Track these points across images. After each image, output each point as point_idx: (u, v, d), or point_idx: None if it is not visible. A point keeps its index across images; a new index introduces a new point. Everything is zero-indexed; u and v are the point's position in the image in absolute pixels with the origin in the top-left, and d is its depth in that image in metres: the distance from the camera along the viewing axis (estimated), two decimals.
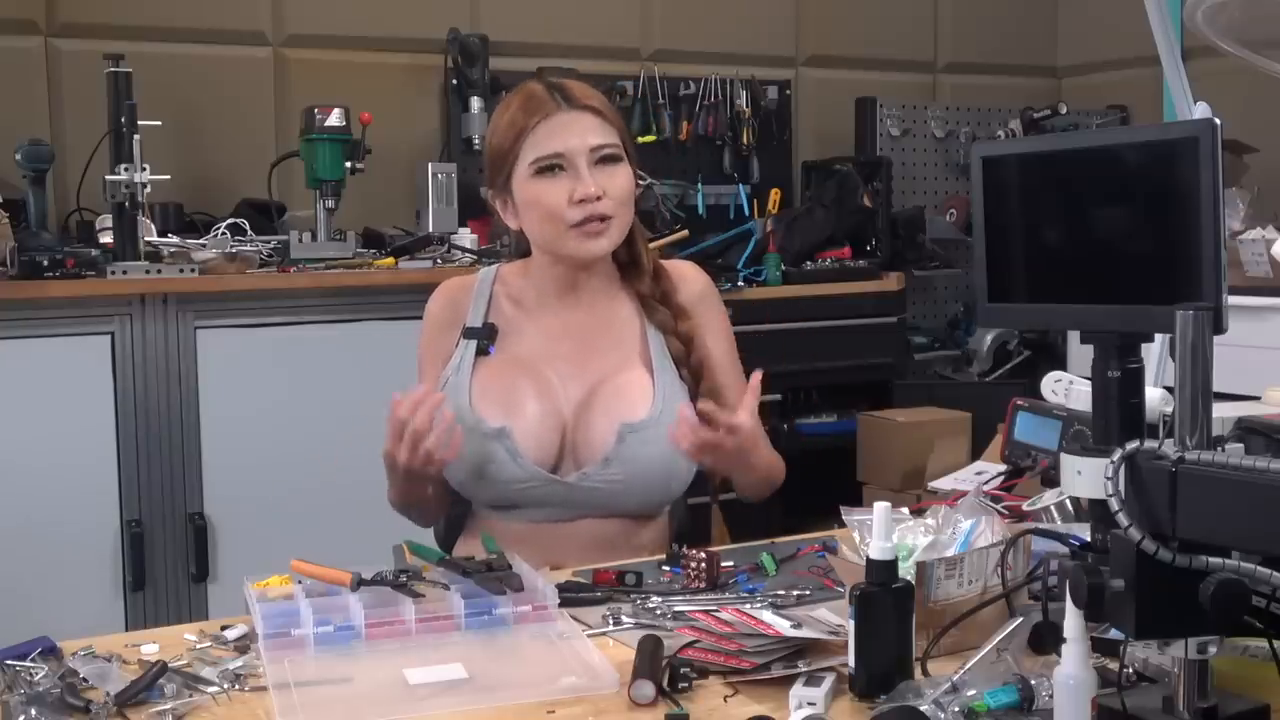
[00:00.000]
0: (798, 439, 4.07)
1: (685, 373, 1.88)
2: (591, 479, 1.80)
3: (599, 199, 1.79)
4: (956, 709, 1.10)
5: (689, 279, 1.96)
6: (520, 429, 1.81)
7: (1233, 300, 1.19)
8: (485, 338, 1.89)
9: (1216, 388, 1.05)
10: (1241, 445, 1.42)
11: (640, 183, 1.96)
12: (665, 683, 1.22)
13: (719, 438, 1.70)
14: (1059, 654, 1.06)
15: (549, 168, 1.80)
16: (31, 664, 1.28)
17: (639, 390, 1.84)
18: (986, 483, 1.94)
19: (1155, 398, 1.46)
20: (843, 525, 1.51)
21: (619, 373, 1.86)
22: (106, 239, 3.12)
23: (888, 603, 1.20)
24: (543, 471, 1.81)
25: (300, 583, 1.47)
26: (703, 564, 1.57)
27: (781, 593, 1.53)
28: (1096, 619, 1.06)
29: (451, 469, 1.82)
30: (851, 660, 1.20)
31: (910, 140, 4.69)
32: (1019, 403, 1.96)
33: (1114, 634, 1.18)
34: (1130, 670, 1.16)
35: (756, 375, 1.76)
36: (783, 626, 1.30)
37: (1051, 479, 1.80)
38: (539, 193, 1.81)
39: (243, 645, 1.37)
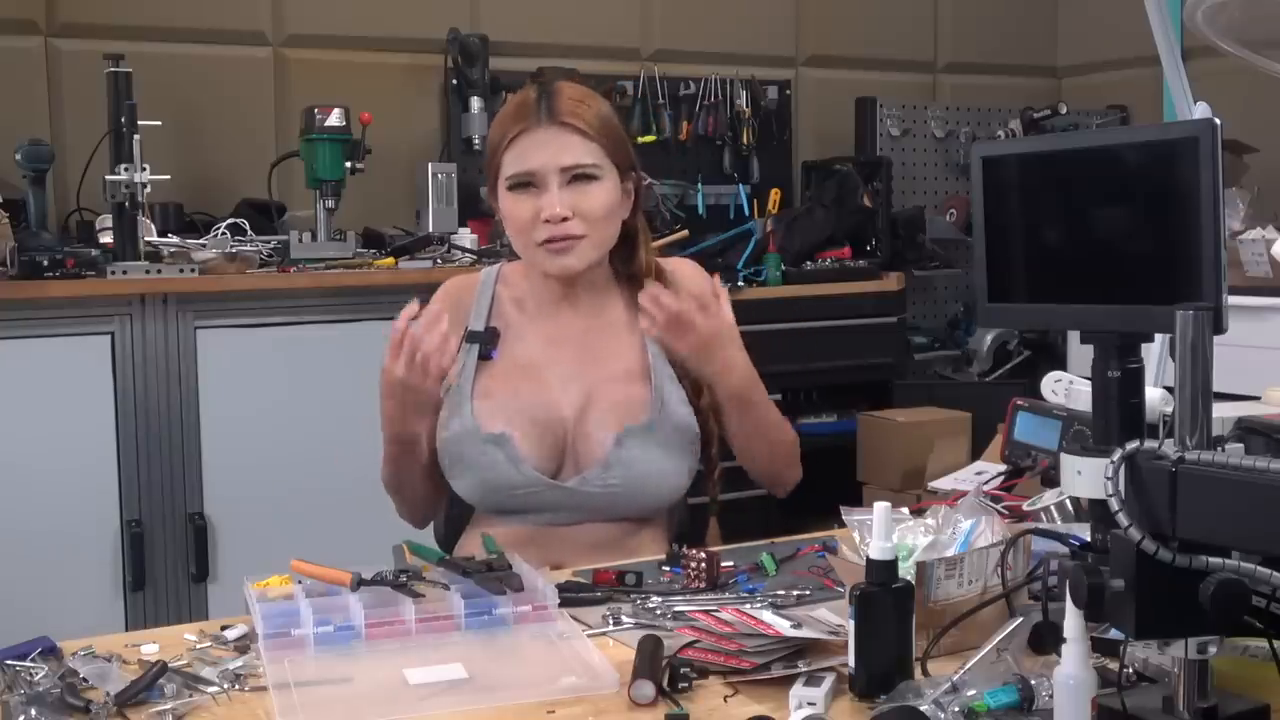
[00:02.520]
0: (798, 439, 4.06)
1: (686, 383, 1.88)
2: (591, 484, 1.81)
3: (565, 220, 1.79)
4: (956, 709, 1.10)
5: (688, 278, 1.95)
6: (521, 435, 1.81)
7: (1233, 300, 1.19)
8: (487, 342, 1.89)
9: (1216, 388, 1.05)
10: (1241, 445, 1.42)
11: (643, 183, 1.94)
12: (665, 683, 1.22)
13: (687, 310, 1.69)
14: (1059, 654, 1.06)
15: (520, 184, 1.82)
16: (31, 664, 1.28)
17: (637, 396, 1.85)
18: (986, 483, 1.94)
19: (1155, 398, 1.46)
20: (843, 525, 1.51)
21: (618, 378, 1.87)
22: (106, 239, 3.12)
23: (888, 603, 1.20)
24: (543, 477, 1.81)
25: (300, 583, 1.47)
26: (703, 564, 1.56)
27: (781, 593, 1.53)
28: (1096, 619, 1.06)
29: (452, 473, 1.83)
30: (851, 660, 1.20)
31: (910, 140, 4.69)
32: (1019, 403, 1.96)
33: (1114, 634, 1.18)
34: (1130, 670, 1.16)
35: (715, 279, 1.77)
36: (783, 626, 1.30)
37: (1051, 479, 1.80)
38: (511, 207, 1.83)
39: (243, 645, 1.37)
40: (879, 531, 1.22)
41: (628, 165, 1.87)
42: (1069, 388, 1.76)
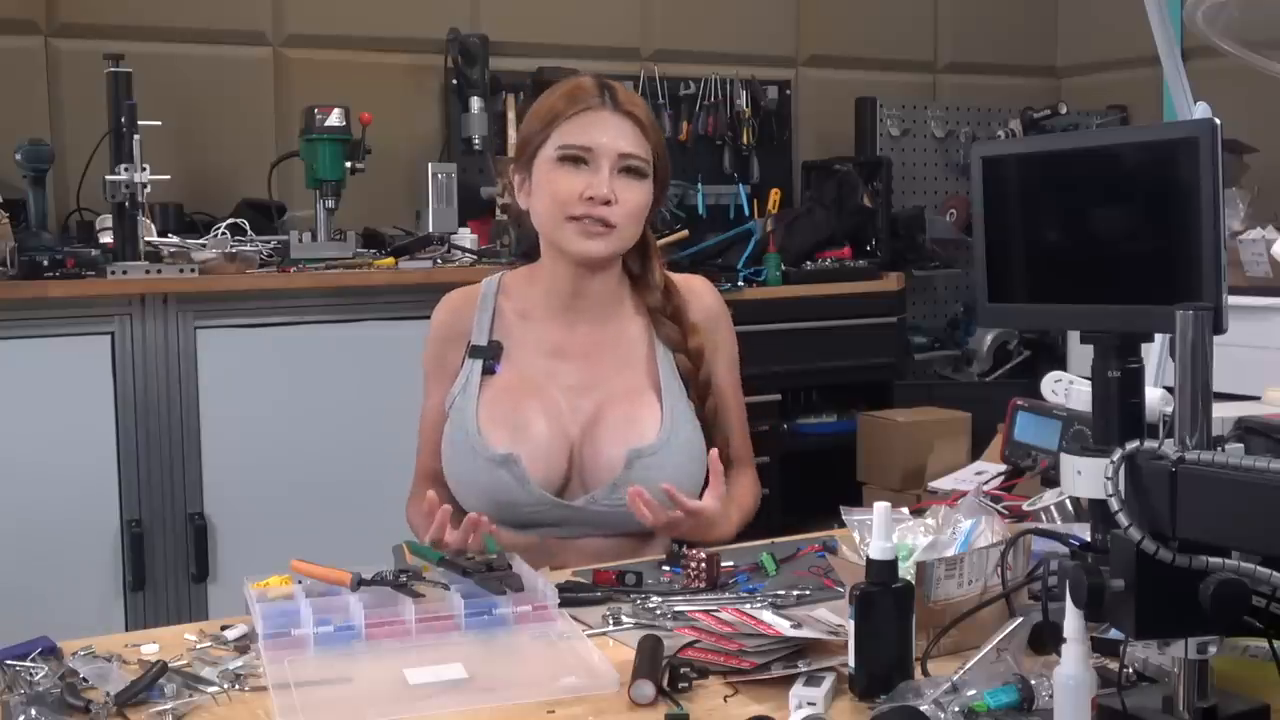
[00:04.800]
0: (798, 439, 4.07)
1: (693, 392, 1.87)
2: (599, 503, 1.79)
3: (608, 203, 1.78)
4: (956, 709, 1.10)
5: (700, 294, 1.94)
6: (528, 454, 1.79)
7: (1233, 300, 1.19)
8: (490, 356, 1.87)
9: (1216, 388, 1.05)
10: (1241, 445, 1.42)
11: (664, 195, 1.93)
12: (665, 683, 1.22)
13: (678, 518, 1.69)
14: (1059, 654, 1.06)
15: (573, 158, 1.80)
16: (31, 664, 1.28)
17: (647, 414, 1.83)
18: (986, 483, 1.94)
19: (1155, 398, 1.46)
20: (843, 525, 1.51)
21: (627, 394, 1.85)
22: (106, 239, 3.12)
23: (888, 603, 1.20)
24: (550, 496, 1.80)
25: (300, 583, 1.47)
26: (703, 564, 1.57)
27: (781, 593, 1.53)
28: (1096, 619, 1.06)
29: (459, 490, 1.83)
30: (851, 660, 1.20)
31: (910, 140, 4.69)
32: (1019, 403, 1.96)
33: (1114, 634, 1.18)
34: (1130, 670, 1.16)
35: (714, 453, 1.75)
36: (783, 626, 1.30)
37: (1051, 479, 1.80)
38: (555, 178, 1.80)
39: (243, 645, 1.37)
40: (879, 531, 1.22)
41: (663, 174, 1.88)
42: (1069, 388, 1.76)
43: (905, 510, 1.56)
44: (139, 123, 3.02)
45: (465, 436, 1.81)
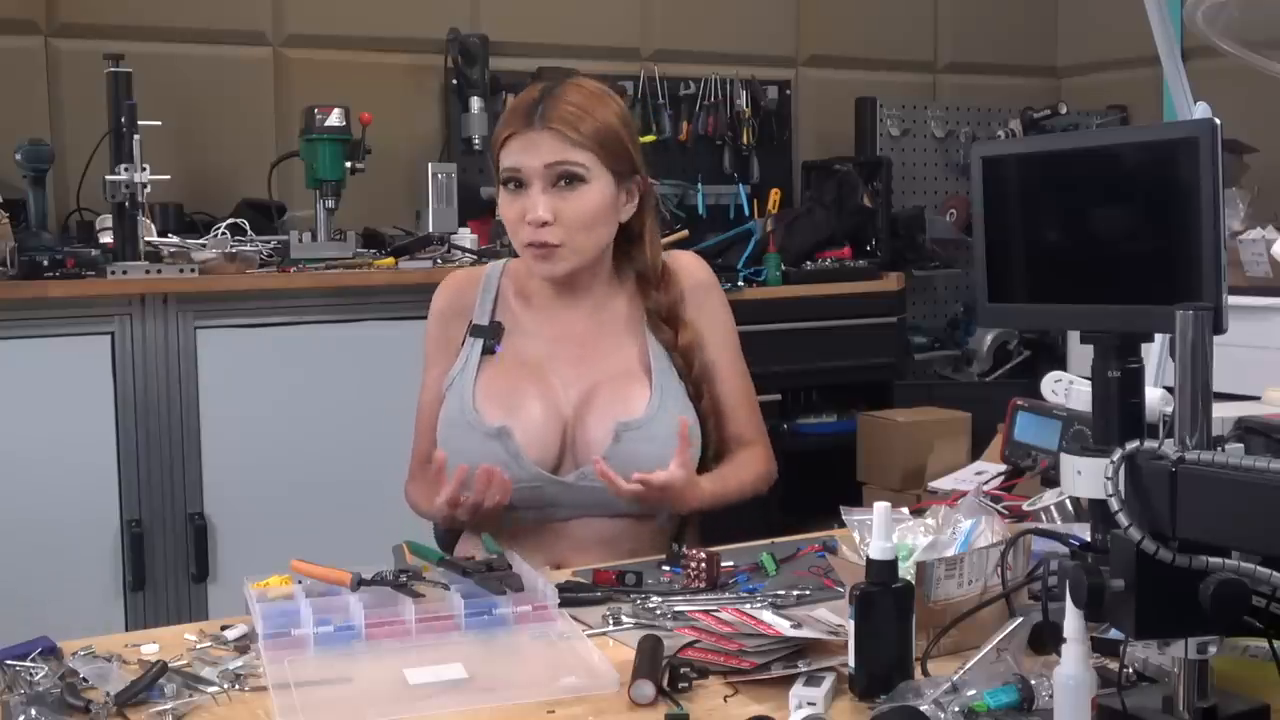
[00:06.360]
0: (798, 439, 4.07)
1: (687, 383, 1.88)
2: (589, 478, 1.80)
3: (544, 225, 1.80)
4: (956, 709, 1.10)
5: (691, 271, 1.96)
6: (521, 429, 1.82)
7: (1233, 300, 1.19)
8: (491, 337, 1.91)
9: (1216, 388, 1.05)
10: (1241, 445, 1.42)
11: (650, 186, 1.94)
12: (665, 683, 1.22)
13: (643, 492, 1.72)
14: (1059, 654, 1.06)
15: (509, 181, 1.83)
16: (31, 664, 1.29)
17: (637, 390, 1.85)
18: (986, 483, 1.94)
19: (1155, 398, 1.46)
20: (843, 525, 1.51)
21: (618, 375, 1.87)
22: (106, 239, 3.12)
23: (888, 603, 1.20)
24: (543, 472, 1.82)
25: (300, 583, 1.47)
26: (703, 564, 1.57)
27: (781, 593, 1.53)
28: (1096, 619, 1.06)
29: (454, 466, 1.83)
30: (851, 660, 1.20)
31: (910, 140, 4.69)
32: (1019, 403, 1.96)
33: (1114, 634, 1.18)
34: (1130, 670, 1.16)
35: (684, 422, 1.77)
36: (783, 626, 1.30)
37: (1051, 479, 1.80)
38: (502, 204, 1.85)
39: (243, 645, 1.37)
40: (879, 531, 1.22)
41: (628, 170, 1.87)
42: (1069, 388, 1.76)
43: (905, 510, 1.56)
44: (139, 123, 3.01)
45: (461, 413, 1.84)
